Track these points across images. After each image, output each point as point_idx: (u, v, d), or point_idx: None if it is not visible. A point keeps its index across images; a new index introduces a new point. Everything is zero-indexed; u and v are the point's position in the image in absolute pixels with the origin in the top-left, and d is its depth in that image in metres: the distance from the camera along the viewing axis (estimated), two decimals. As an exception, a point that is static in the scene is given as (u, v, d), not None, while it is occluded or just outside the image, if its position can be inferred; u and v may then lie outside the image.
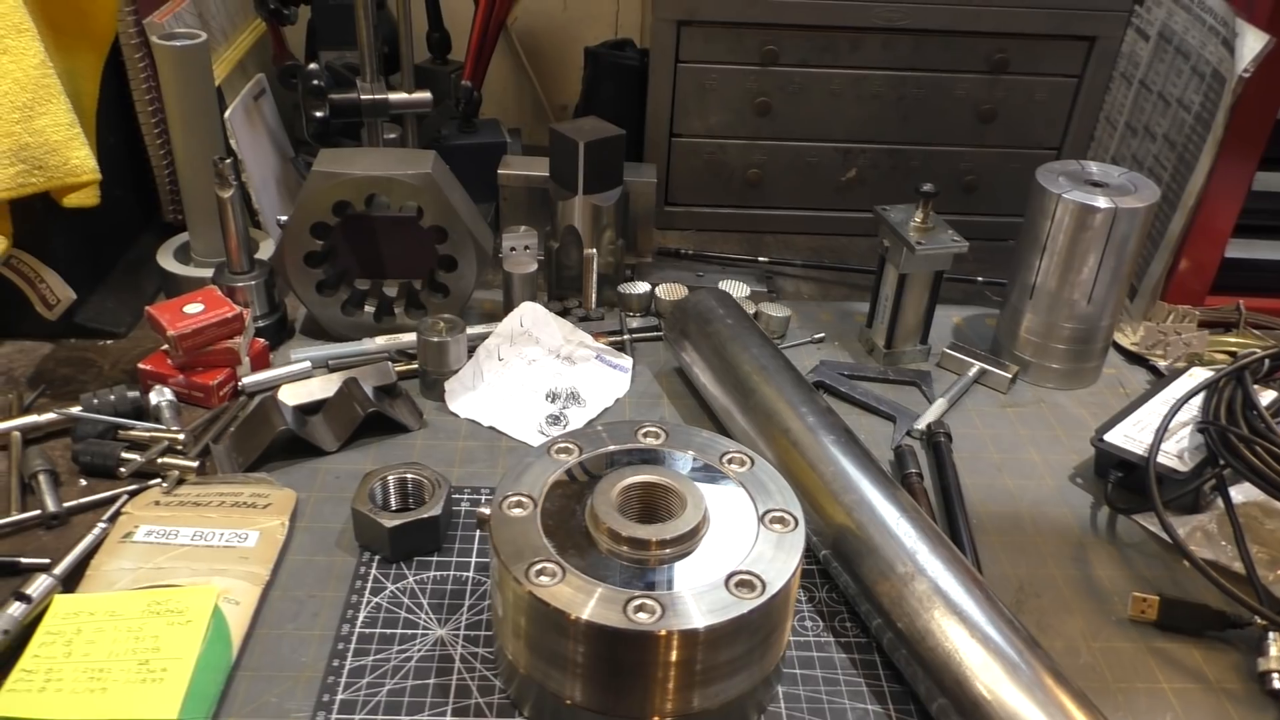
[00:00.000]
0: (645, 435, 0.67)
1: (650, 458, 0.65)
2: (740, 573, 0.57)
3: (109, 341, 0.94)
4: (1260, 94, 0.90)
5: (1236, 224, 0.98)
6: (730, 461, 0.65)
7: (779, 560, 0.58)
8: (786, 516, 0.61)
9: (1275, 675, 0.64)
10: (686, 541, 0.59)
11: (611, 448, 0.66)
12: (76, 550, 0.69)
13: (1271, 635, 0.65)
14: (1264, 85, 0.89)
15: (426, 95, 1.06)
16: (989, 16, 1.10)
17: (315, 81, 1.01)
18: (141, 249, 1.04)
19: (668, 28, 1.10)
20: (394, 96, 1.04)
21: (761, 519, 0.61)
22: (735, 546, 0.59)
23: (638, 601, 0.55)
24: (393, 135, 1.09)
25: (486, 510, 0.61)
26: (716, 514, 0.61)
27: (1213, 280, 1.01)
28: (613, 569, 0.57)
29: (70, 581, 0.67)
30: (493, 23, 1.16)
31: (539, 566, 0.57)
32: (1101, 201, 0.86)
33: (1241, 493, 0.76)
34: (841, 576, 0.69)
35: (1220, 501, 0.73)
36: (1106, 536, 0.78)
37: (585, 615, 0.54)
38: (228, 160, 0.87)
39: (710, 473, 0.64)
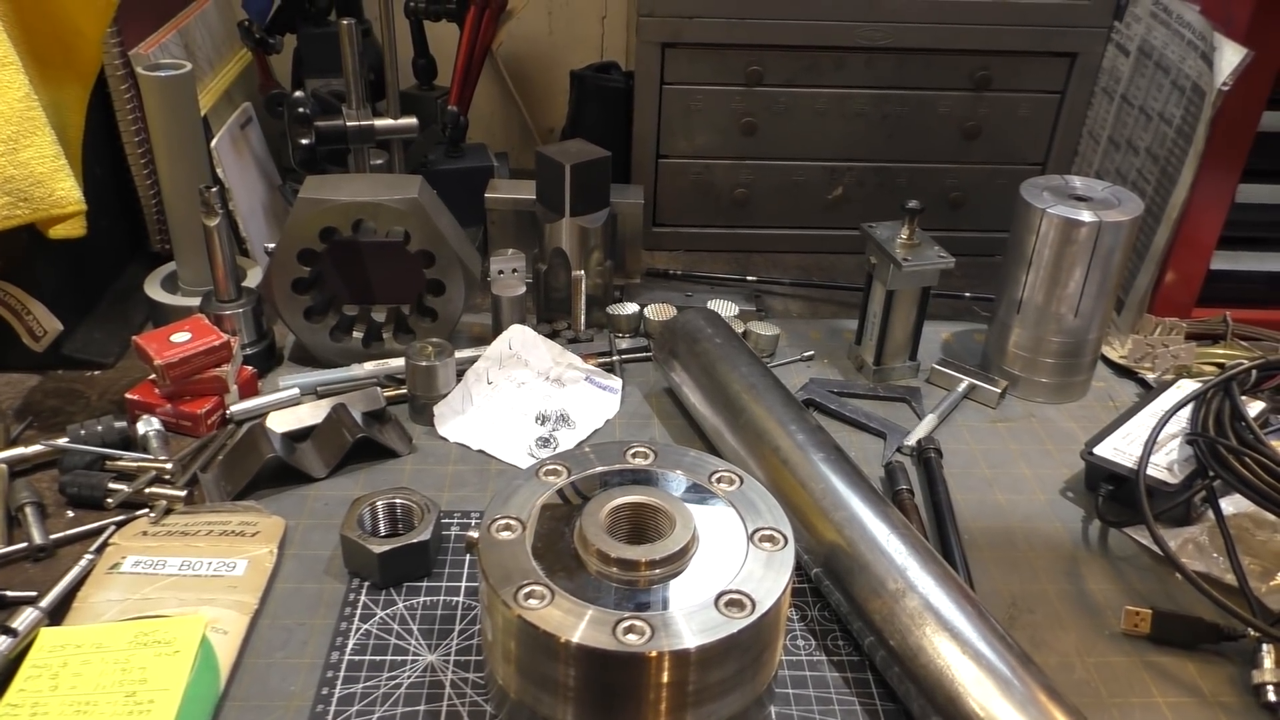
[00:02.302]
0: (634, 456, 0.67)
1: (639, 478, 0.65)
2: (730, 592, 0.57)
3: (96, 372, 0.93)
4: (1240, 107, 0.91)
5: (1221, 236, 0.99)
6: (719, 480, 0.65)
7: (769, 579, 0.58)
8: (776, 535, 0.61)
9: (1270, 688, 0.64)
10: (676, 562, 0.58)
11: (600, 469, 0.66)
12: (63, 582, 0.68)
13: (1265, 647, 0.65)
14: (1243, 98, 0.90)
15: (412, 121, 1.06)
16: (971, 35, 1.11)
17: (301, 109, 1.01)
18: (128, 279, 1.04)
19: (652, 50, 1.11)
20: (380, 123, 1.05)
21: (751, 538, 0.61)
22: (725, 566, 0.59)
23: (628, 623, 0.55)
24: (379, 161, 1.09)
25: (475, 534, 0.60)
26: (706, 533, 0.61)
27: (1199, 292, 1.01)
28: (602, 590, 0.57)
29: (57, 614, 0.66)
30: (478, 48, 1.17)
31: (528, 589, 0.56)
32: (1086, 215, 0.86)
33: (1232, 504, 0.76)
34: (833, 594, 0.68)
35: (1211, 513, 0.74)
36: (1098, 550, 0.77)
37: (575, 638, 0.54)
38: (214, 189, 0.87)
39: (699, 492, 0.64)
